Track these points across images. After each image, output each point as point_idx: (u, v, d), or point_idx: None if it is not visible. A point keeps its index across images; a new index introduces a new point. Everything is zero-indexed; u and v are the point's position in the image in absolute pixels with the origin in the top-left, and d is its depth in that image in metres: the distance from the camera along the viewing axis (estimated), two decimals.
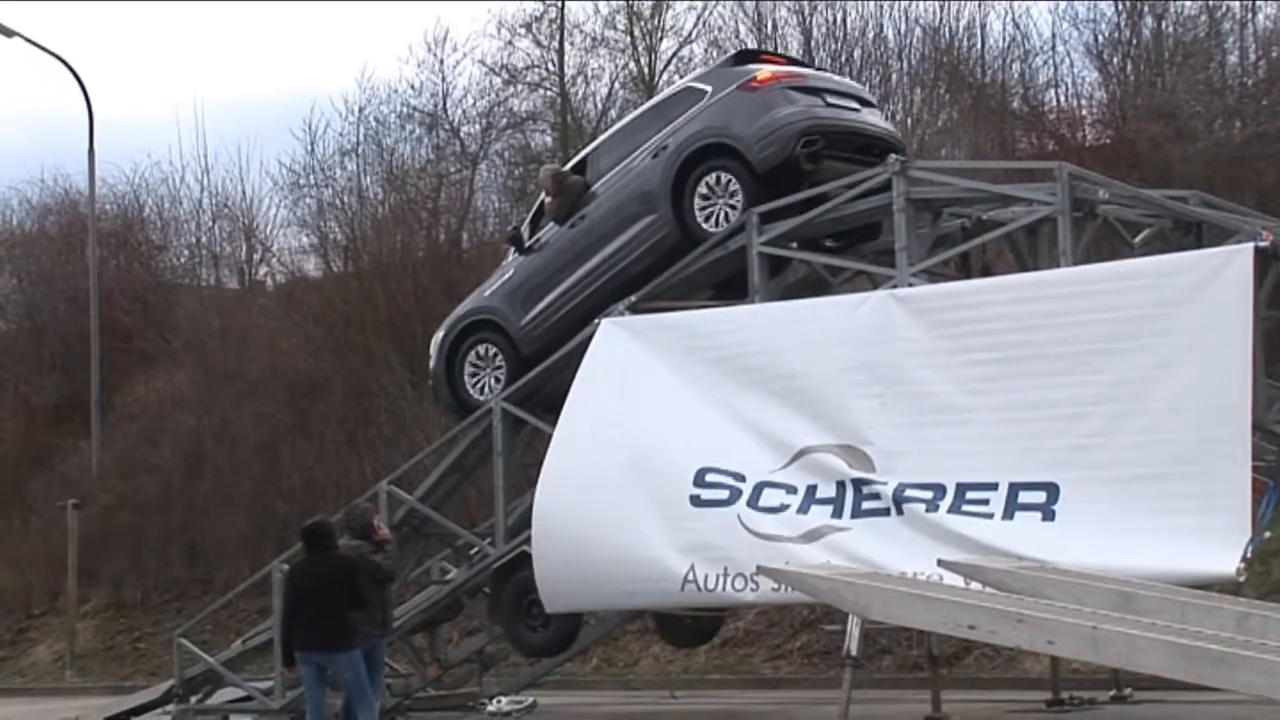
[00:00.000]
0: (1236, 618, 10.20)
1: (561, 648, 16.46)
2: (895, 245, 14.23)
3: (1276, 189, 21.23)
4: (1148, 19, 26.46)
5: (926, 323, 13.38)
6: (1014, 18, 34.09)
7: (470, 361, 16.68)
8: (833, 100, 15.48)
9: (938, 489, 12.76)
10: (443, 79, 32.77)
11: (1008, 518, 12.42)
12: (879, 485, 13.01)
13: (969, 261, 15.09)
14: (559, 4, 31.56)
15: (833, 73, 22.59)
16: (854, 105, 15.75)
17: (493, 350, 16.54)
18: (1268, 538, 13.19)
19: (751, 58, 16.29)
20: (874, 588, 11.09)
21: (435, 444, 17.53)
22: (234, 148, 51.11)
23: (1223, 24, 25.93)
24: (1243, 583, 11.75)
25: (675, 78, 28.62)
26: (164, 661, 23.70)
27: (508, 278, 16.69)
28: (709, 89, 15.59)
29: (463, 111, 32.84)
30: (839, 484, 13.20)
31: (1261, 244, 12.21)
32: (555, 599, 14.60)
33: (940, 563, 11.80)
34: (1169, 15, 26.20)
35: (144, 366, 32.90)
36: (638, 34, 31.66)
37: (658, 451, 14.10)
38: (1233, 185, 20.23)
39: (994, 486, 12.55)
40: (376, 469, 23.48)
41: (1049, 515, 12.29)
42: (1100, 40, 27.06)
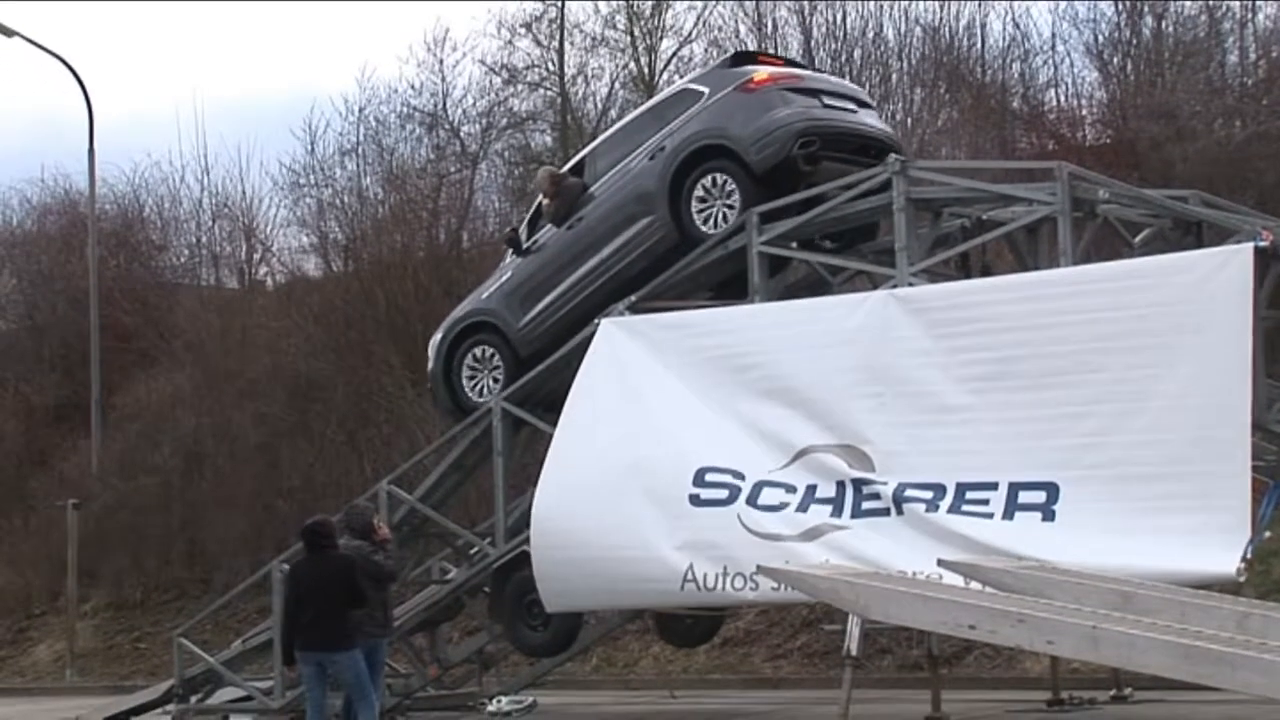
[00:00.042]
0: (1236, 618, 10.20)
1: (561, 647, 16.47)
2: (895, 245, 14.23)
3: (1276, 189, 21.21)
4: (1148, 19, 26.47)
5: (926, 322, 13.38)
6: (1014, 18, 34.11)
7: (468, 363, 16.69)
8: (830, 101, 15.47)
9: (938, 489, 12.76)
10: (442, 79, 32.83)
11: (1008, 518, 12.42)
12: (879, 485, 13.02)
13: (969, 261, 15.07)
14: (559, 4, 31.60)
15: (831, 73, 22.61)
16: (851, 106, 15.74)
17: (490, 352, 16.54)
18: (1268, 537, 13.19)
19: (748, 59, 16.29)
20: (874, 587, 11.10)
21: (435, 444, 17.53)
22: (234, 148, 51.23)
23: (1223, 24, 25.94)
24: (1243, 583, 11.74)
25: (675, 77, 28.62)
26: (164, 661, 23.69)
27: (505, 280, 16.68)
28: (706, 90, 15.58)
29: (463, 111, 32.91)
30: (839, 484, 13.21)
31: (1261, 244, 12.22)
32: (555, 598, 14.60)
33: (940, 562, 11.81)
34: (1169, 15, 26.22)
35: (144, 366, 32.89)
36: (638, 34, 31.68)
37: (658, 451, 14.10)
38: (1233, 185, 20.21)
39: (994, 486, 12.55)
40: (376, 469, 23.49)
41: (1049, 515, 12.29)
42: (1100, 40, 27.11)
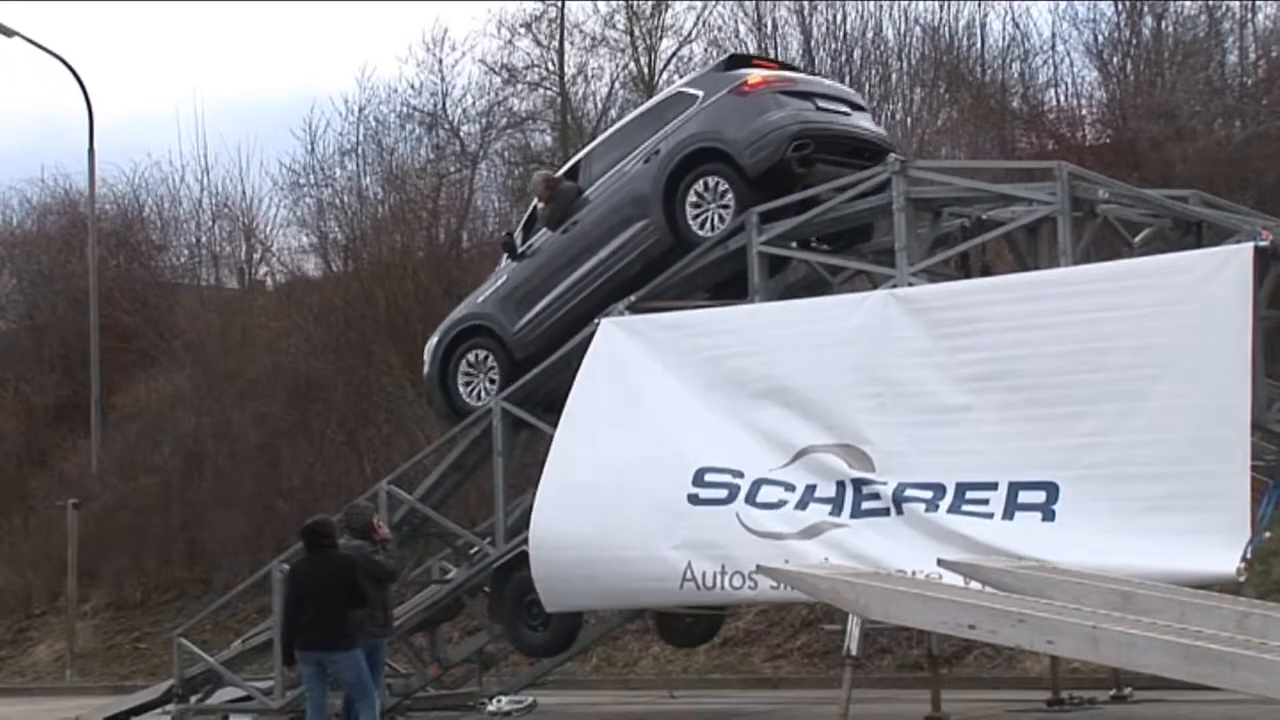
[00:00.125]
0: (1236, 617, 10.21)
1: (561, 647, 16.47)
2: (895, 245, 14.24)
3: (1276, 189, 21.21)
4: (1148, 19, 26.47)
5: (926, 322, 13.38)
6: (1014, 17, 34.17)
7: (464, 367, 16.70)
8: (824, 104, 15.50)
9: (937, 489, 12.76)
10: (442, 79, 32.84)
11: (1007, 517, 12.42)
12: (879, 485, 13.01)
13: (969, 261, 15.07)
14: (559, 4, 31.60)
15: (831, 73, 22.61)
16: (845, 109, 15.77)
17: (486, 356, 16.55)
18: (1268, 537, 13.19)
19: (743, 62, 16.32)
20: (874, 587, 11.10)
21: (435, 444, 17.53)
22: (234, 148, 51.38)
23: (1222, 24, 25.95)
24: (1243, 582, 11.73)
25: (675, 77, 28.63)
26: (164, 661, 23.69)
27: (501, 284, 16.69)
28: (700, 94, 15.60)
29: (462, 111, 32.93)
30: (839, 483, 13.20)
31: (1261, 243, 12.22)
32: (554, 598, 14.60)
33: (940, 562, 11.81)
34: (1169, 15, 26.23)
35: (144, 366, 32.89)
36: (637, 34, 31.68)
37: (657, 451, 14.10)
38: (1233, 185, 20.21)
39: (994, 486, 12.55)
40: (376, 469, 23.49)
41: (1049, 515, 12.28)
42: (1100, 40, 27.11)
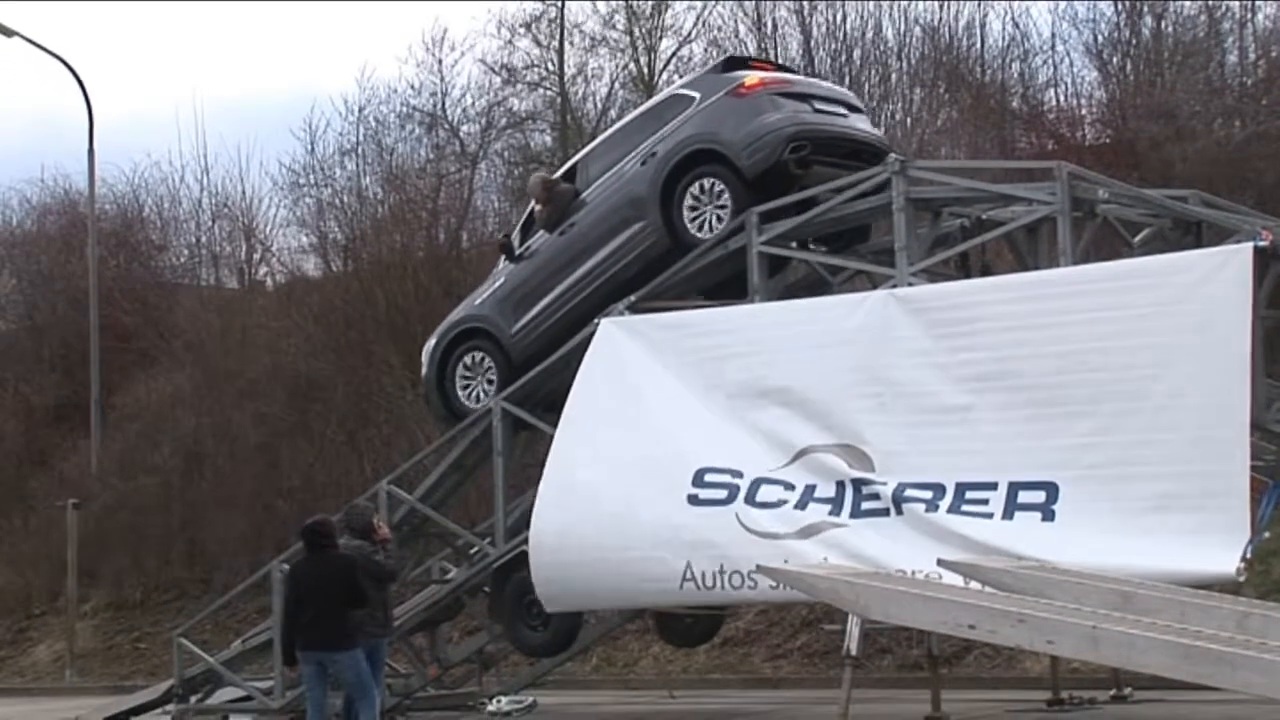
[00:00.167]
0: (1236, 617, 10.20)
1: (561, 647, 16.47)
2: (895, 245, 14.24)
3: (1276, 189, 21.21)
4: (1147, 19, 26.47)
5: (926, 322, 13.38)
6: (1013, 17, 34.21)
7: (462, 370, 16.71)
8: (820, 106, 15.53)
9: (937, 489, 12.75)
10: (441, 79, 32.85)
11: (1007, 518, 12.41)
12: (878, 485, 13.01)
13: (968, 261, 15.07)
14: (559, 4, 31.61)
15: (829, 74, 22.62)
16: (842, 111, 15.79)
17: (484, 358, 16.56)
18: (1267, 537, 13.19)
19: (739, 64, 16.34)
20: (873, 587, 11.09)
21: (435, 444, 17.52)
22: (234, 148, 51.40)
23: (1222, 24, 25.95)
24: (1243, 582, 11.73)
25: (675, 77, 28.63)
26: (164, 661, 23.69)
27: (498, 286, 16.70)
28: (697, 95, 15.62)
29: (462, 111, 32.93)
30: (838, 484, 13.20)
31: (1261, 243, 12.22)
32: (554, 599, 14.60)
33: (940, 562, 11.81)
34: (1169, 15, 26.23)
35: (144, 366, 32.89)
36: (637, 34, 31.68)
37: (657, 451, 14.10)
38: (1232, 185, 20.21)
39: (993, 486, 12.55)
40: (376, 469, 23.48)
41: (1049, 515, 12.28)
42: (1100, 40, 27.12)
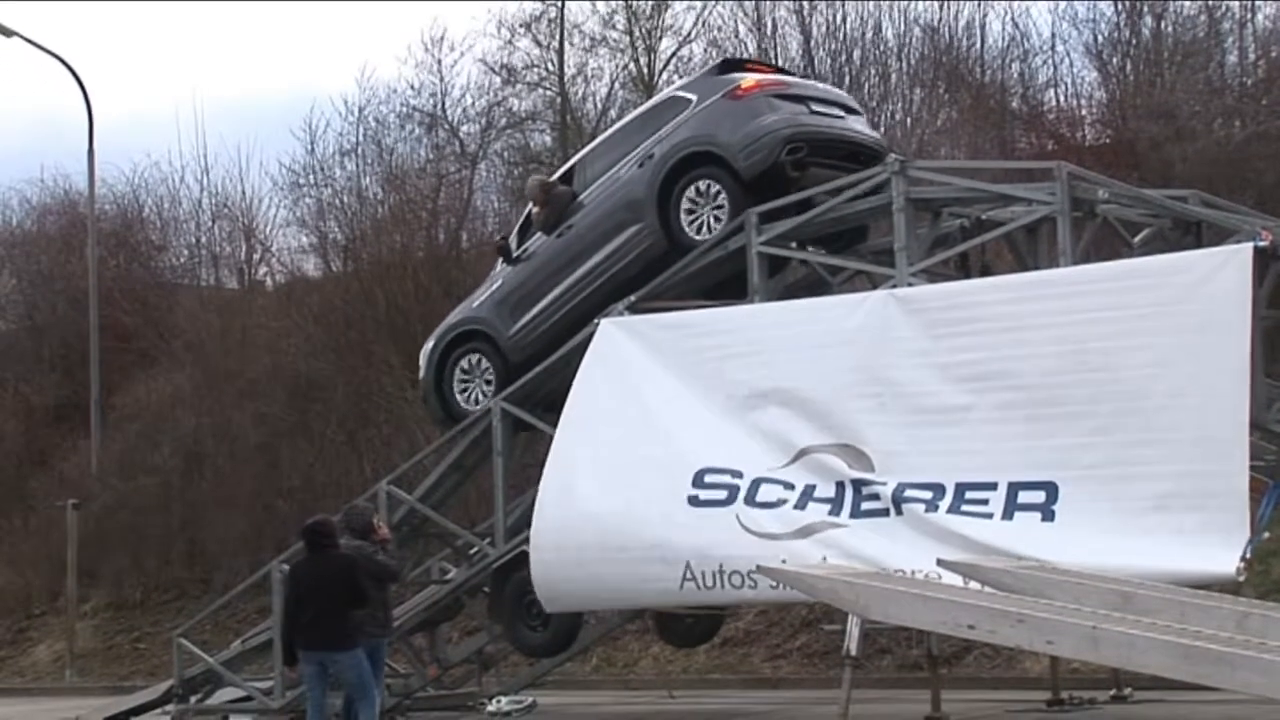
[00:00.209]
0: (1236, 617, 10.20)
1: (561, 648, 16.47)
2: (894, 245, 14.24)
3: (1276, 189, 21.22)
4: (1147, 19, 26.48)
5: (926, 322, 13.38)
6: (1013, 17, 34.32)
7: (459, 372, 16.71)
8: (817, 108, 15.54)
9: (937, 489, 12.75)
10: (440, 79, 32.86)
11: (1007, 518, 12.41)
12: (878, 485, 13.00)
13: (968, 261, 15.07)
14: (559, 4, 31.61)
15: (829, 75, 22.62)
16: (839, 112, 15.80)
17: (481, 360, 16.56)
18: (1267, 538, 13.20)
19: (736, 66, 16.35)
20: (873, 587, 11.10)
21: (435, 444, 17.52)
22: (234, 148, 51.41)
23: (1222, 24, 25.96)
24: (1242, 582, 11.73)
25: (675, 78, 28.64)
26: (164, 661, 23.69)
27: (496, 288, 16.71)
28: (694, 98, 15.64)
29: (462, 111, 32.94)
30: (838, 484, 13.19)
31: (1261, 244, 12.22)
32: (554, 599, 14.59)
33: (939, 562, 11.81)
34: (1168, 15, 26.24)
35: (144, 366, 32.89)
36: (637, 34, 31.69)
37: (657, 452, 14.09)
38: (1232, 185, 20.21)
39: (993, 486, 12.54)
40: (376, 469, 23.49)
41: (1048, 515, 12.28)
42: (1100, 40, 27.13)
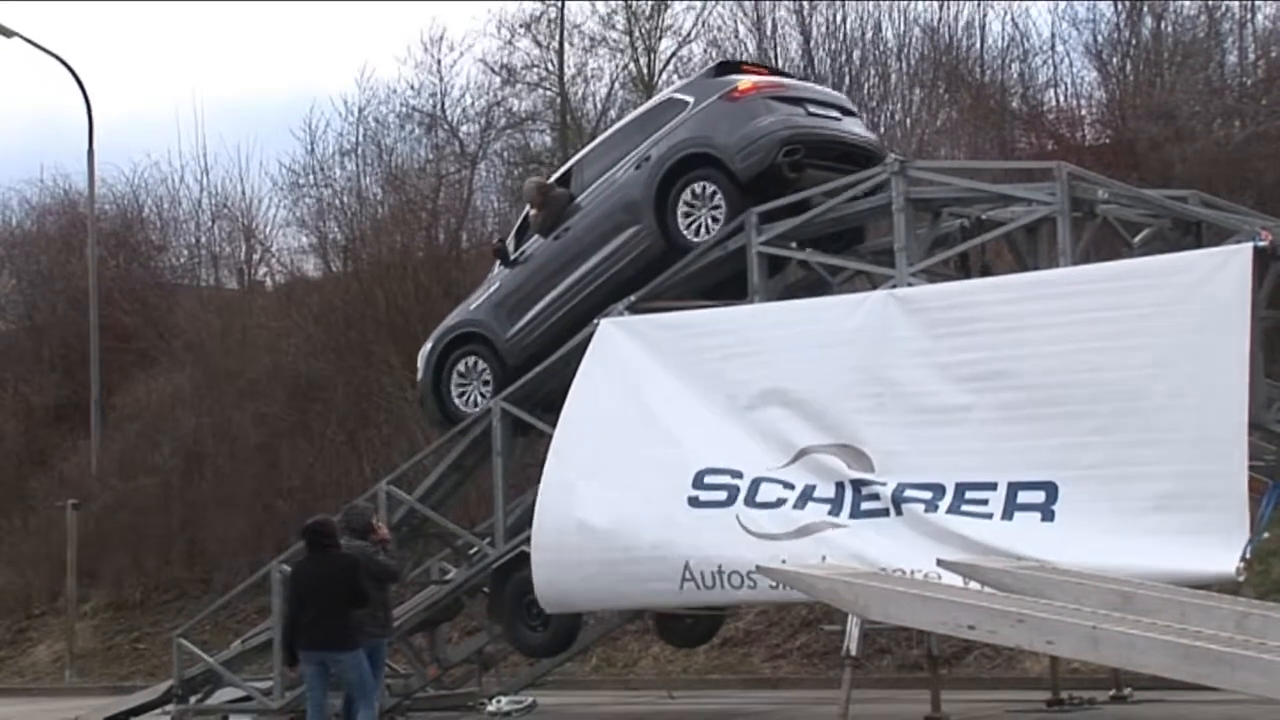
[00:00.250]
0: (1236, 617, 10.20)
1: (561, 648, 16.47)
2: (894, 245, 14.24)
3: (1276, 189, 21.22)
4: (1147, 19, 26.49)
5: (925, 322, 13.37)
6: (1013, 18, 34.50)
7: (457, 374, 16.72)
8: (814, 110, 15.56)
9: (937, 489, 12.75)
10: (440, 79, 32.87)
11: (1007, 518, 12.41)
12: (878, 486, 13.00)
13: (968, 261, 15.08)
14: (559, 4, 31.60)
15: (829, 75, 22.62)
16: (835, 114, 15.82)
17: (479, 363, 16.57)
18: (1267, 537, 13.20)
19: (733, 68, 16.36)
20: (873, 587, 11.09)
21: (435, 444, 17.52)
22: (234, 148, 51.51)
23: (1222, 24, 25.96)
24: (1242, 582, 11.73)
25: (674, 78, 28.66)
26: (163, 661, 23.70)
27: (493, 290, 16.72)
28: (691, 100, 15.65)
29: (462, 111, 32.94)
30: (838, 485, 13.18)
31: (1260, 244, 12.22)
32: (554, 600, 14.58)
33: (939, 562, 11.81)
34: (1168, 15, 26.24)
35: (144, 366, 32.89)
36: (637, 34, 31.69)
37: (657, 452, 14.08)
38: (1232, 185, 20.21)
39: (993, 486, 12.54)
40: (376, 469, 23.49)
41: (1048, 515, 12.28)
42: (1099, 40, 27.14)
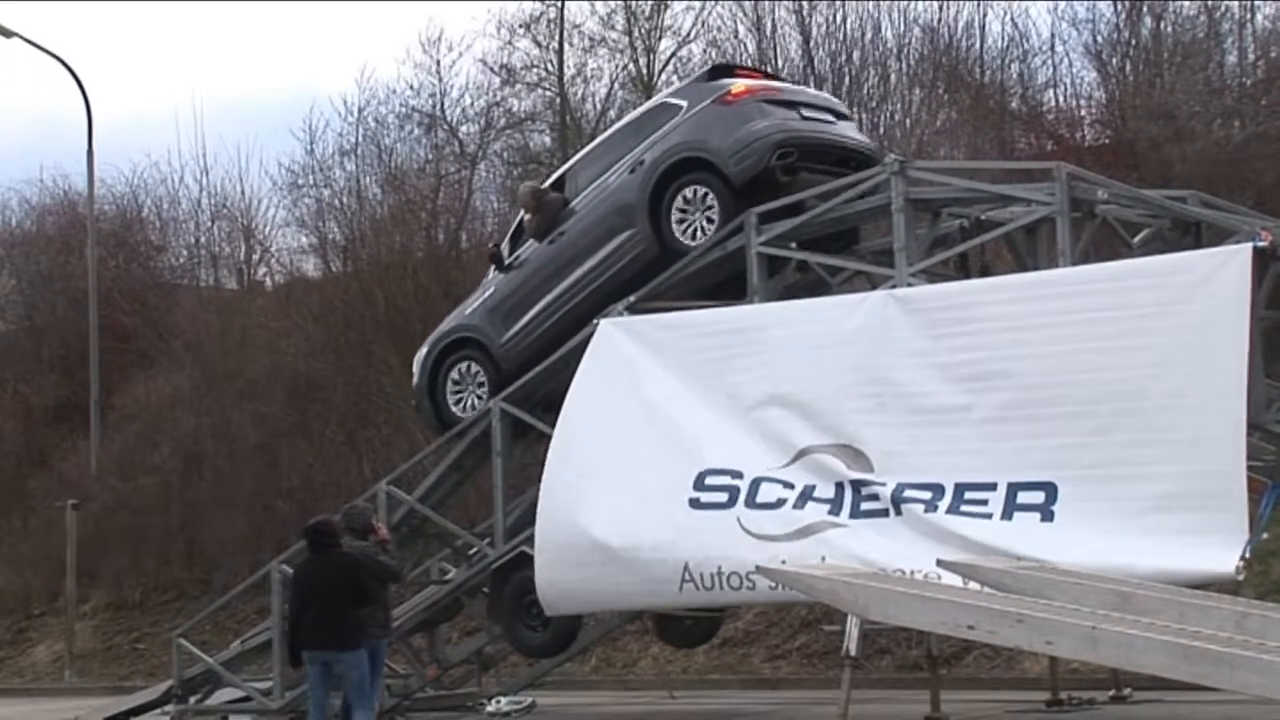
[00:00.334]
0: (1235, 618, 10.20)
1: (561, 648, 16.47)
2: (894, 245, 14.24)
3: (1275, 189, 21.22)
4: (1147, 19, 26.49)
5: (925, 322, 13.37)
6: (1013, 18, 34.68)
7: (452, 379, 16.73)
8: (808, 113, 15.57)
9: (936, 489, 12.74)
10: (439, 79, 32.87)
11: (1006, 518, 12.41)
12: (877, 486, 13.00)
13: (968, 262, 15.07)
14: (558, 4, 31.60)
15: (829, 75, 22.63)
16: (829, 118, 15.83)
17: (475, 368, 16.57)
18: (1266, 538, 13.20)
19: (726, 72, 16.35)
20: (872, 588, 11.09)
21: (434, 444, 17.52)
22: (233, 148, 51.76)
23: (1221, 24, 25.96)
24: (1241, 582, 11.73)
25: (674, 78, 28.67)
26: (163, 662, 23.70)
27: (488, 295, 16.71)
28: (684, 104, 15.66)
29: (461, 111, 32.94)
30: (838, 485, 13.17)
31: (1260, 244, 12.22)
32: (555, 600, 14.57)
33: (939, 563, 11.80)
34: (1168, 15, 26.24)
35: (144, 366, 32.89)
36: (636, 34, 31.69)
37: (658, 453, 14.07)
38: (1231, 185, 20.20)
39: (992, 486, 12.54)
40: (376, 469, 23.49)
41: (1048, 515, 12.27)
42: (1099, 40, 27.14)
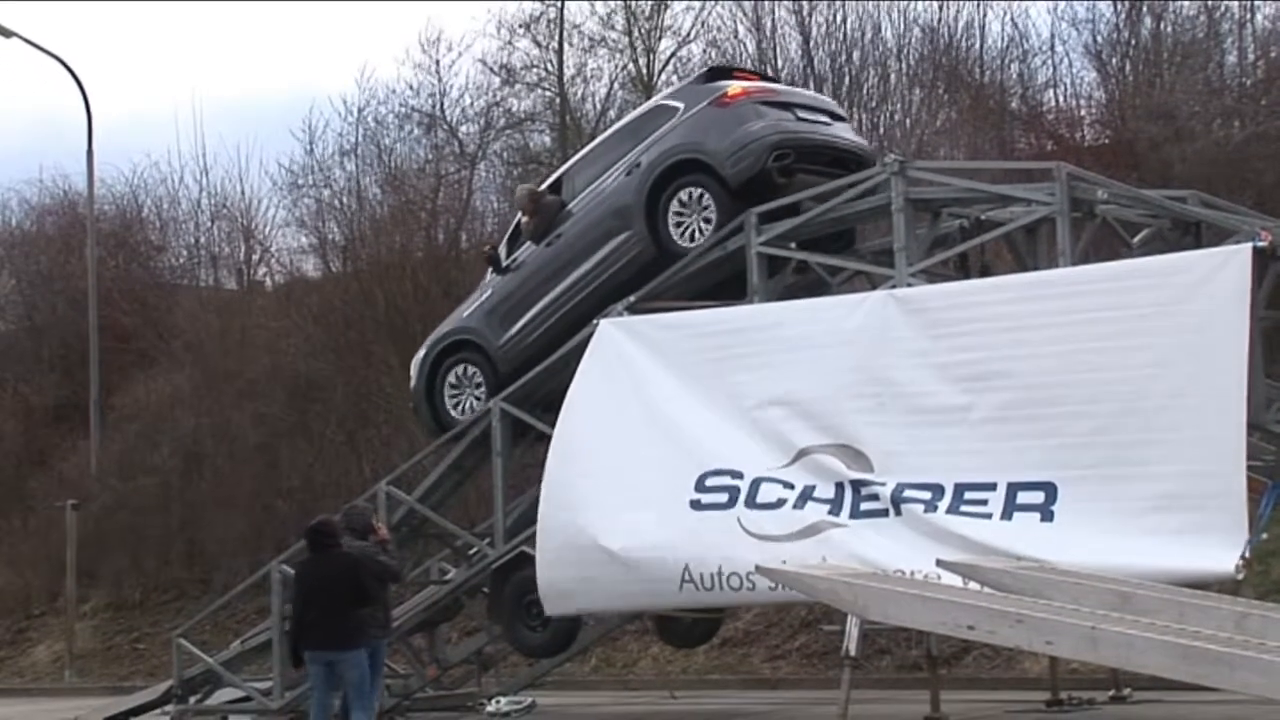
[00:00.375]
0: (1235, 618, 10.20)
1: (560, 648, 16.47)
2: (894, 245, 14.25)
3: (1275, 189, 21.22)
4: (1146, 19, 26.50)
5: (925, 323, 13.37)
6: (1012, 18, 34.70)
7: (450, 382, 16.74)
8: (804, 115, 15.58)
9: (936, 489, 12.75)
10: (438, 79, 32.86)
11: (1006, 518, 12.41)
12: (877, 486, 13.00)
13: (968, 262, 15.08)
14: (558, 4, 31.60)
15: (828, 75, 22.64)
16: (825, 119, 15.84)
17: (472, 370, 16.58)
18: (1266, 538, 13.21)
19: (723, 74, 16.39)
20: (872, 588, 11.09)
21: (434, 444, 17.51)
22: (233, 148, 51.78)
23: (1221, 24, 25.97)
24: (1241, 582, 11.75)
25: (674, 78, 28.66)
26: (163, 662, 23.70)
27: (486, 298, 16.73)
28: (681, 106, 15.67)
29: (461, 111, 32.94)
30: (838, 485, 13.17)
31: (1260, 244, 12.22)
32: (556, 601, 14.57)
33: (939, 563, 11.81)
34: (1168, 15, 26.25)
35: (143, 366, 32.89)
36: (636, 34, 31.69)
37: (658, 453, 14.06)
38: (1231, 185, 20.21)
39: (992, 487, 12.54)
40: (376, 469, 23.49)
41: (1047, 515, 12.28)
42: (1099, 40, 27.15)
